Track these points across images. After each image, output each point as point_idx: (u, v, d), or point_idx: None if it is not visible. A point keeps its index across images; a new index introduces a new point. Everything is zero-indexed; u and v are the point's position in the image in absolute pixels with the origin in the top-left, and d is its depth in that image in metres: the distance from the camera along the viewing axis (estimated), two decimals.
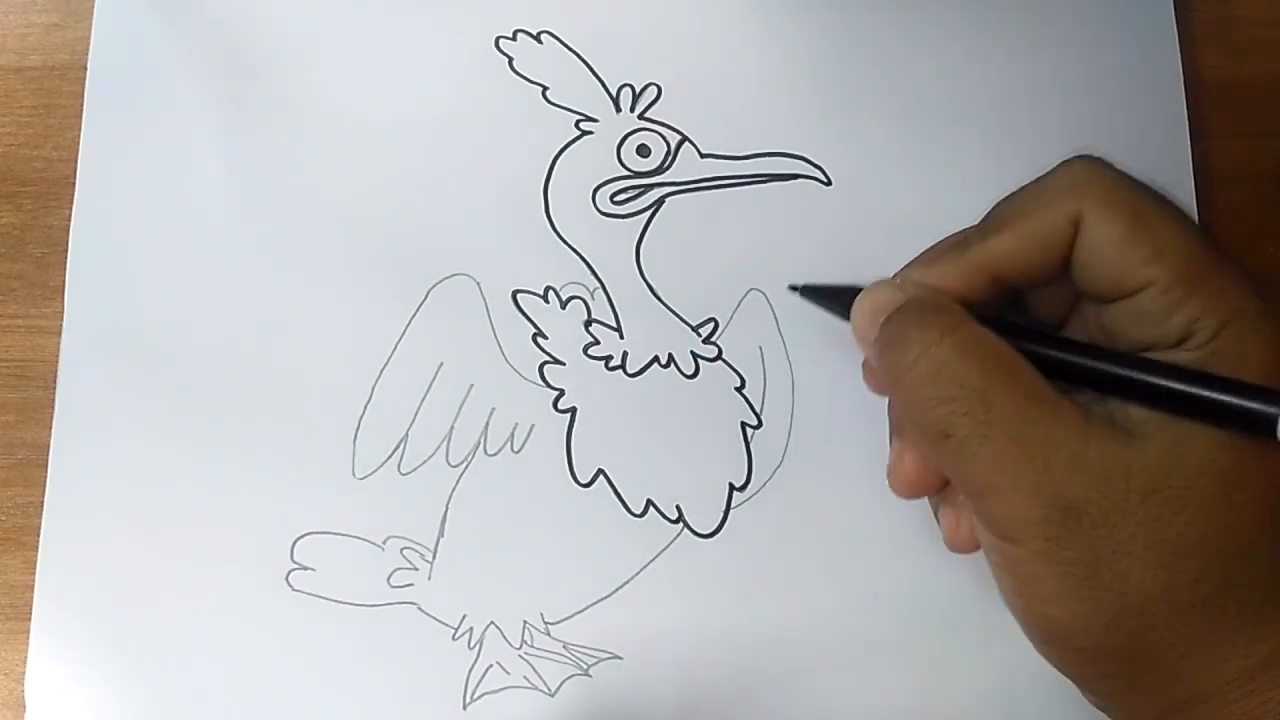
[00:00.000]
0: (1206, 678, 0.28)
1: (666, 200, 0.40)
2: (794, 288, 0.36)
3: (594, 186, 0.41)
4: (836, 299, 0.35)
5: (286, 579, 0.38)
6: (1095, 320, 0.31)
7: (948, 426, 0.29)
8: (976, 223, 0.32)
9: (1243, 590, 0.28)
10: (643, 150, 0.41)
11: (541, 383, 0.39)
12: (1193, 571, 0.28)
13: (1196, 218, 0.41)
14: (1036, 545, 0.28)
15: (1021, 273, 0.31)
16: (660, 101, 0.41)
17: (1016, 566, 0.29)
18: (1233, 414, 0.27)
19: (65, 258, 0.40)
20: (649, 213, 0.40)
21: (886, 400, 0.35)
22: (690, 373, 0.39)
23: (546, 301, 0.40)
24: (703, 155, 0.41)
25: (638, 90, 0.41)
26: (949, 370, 0.29)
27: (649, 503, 0.38)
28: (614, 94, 0.41)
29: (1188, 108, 0.41)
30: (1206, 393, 0.28)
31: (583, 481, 0.39)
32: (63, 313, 0.39)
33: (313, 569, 0.38)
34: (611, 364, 0.39)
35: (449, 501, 0.38)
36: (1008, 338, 0.30)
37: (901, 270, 0.33)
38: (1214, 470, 0.28)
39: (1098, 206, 0.29)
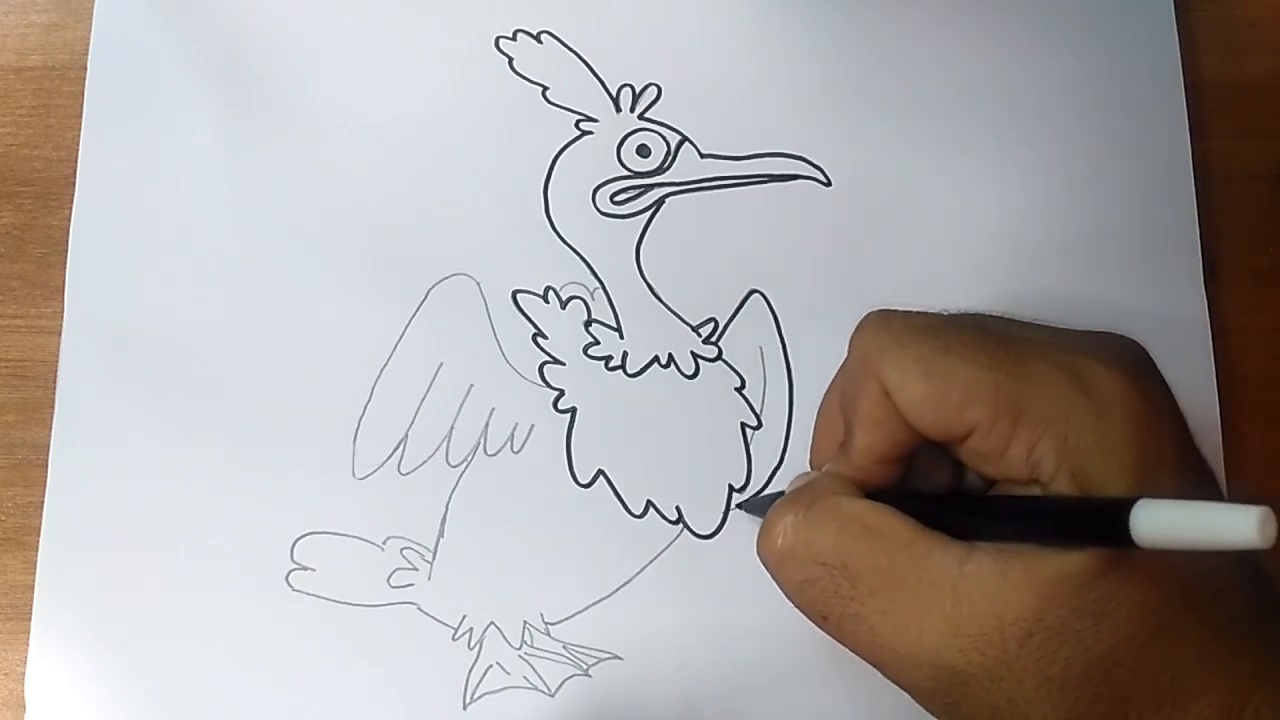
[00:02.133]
0: None
1: (666, 200, 0.40)
2: (740, 506, 0.38)
3: (594, 186, 0.41)
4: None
5: (286, 579, 0.38)
6: (966, 460, 0.30)
7: (820, 608, 0.29)
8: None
9: (1139, 700, 0.28)
10: (643, 150, 0.41)
11: (541, 383, 0.39)
12: (1087, 698, 0.28)
13: (1196, 218, 0.41)
14: (937, 708, 0.29)
15: (896, 450, 0.30)
16: (660, 101, 0.41)
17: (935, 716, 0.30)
18: (1087, 534, 0.27)
19: (65, 258, 0.40)
20: (649, 213, 0.40)
21: None
22: (690, 373, 0.39)
23: (546, 301, 0.40)
24: (703, 155, 0.41)
25: (638, 90, 0.41)
26: (804, 547, 0.29)
27: (649, 503, 0.38)
28: (614, 94, 0.41)
29: (1188, 108, 0.41)
30: (1052, 521, 0.28)
31: (583, 482, 0.39)
32: (63, 313, 0.39)
33: (313, 569, 0.38)
34: (611, 364, 0.39)
35: (449, 501, 0.38)
36: (891, 501, 0.29)
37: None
38: (1084, 601, 0.27)
39: (890, 373, 0.29)
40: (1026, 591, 0.27)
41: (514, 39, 0.42)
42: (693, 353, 0.39)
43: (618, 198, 0.40)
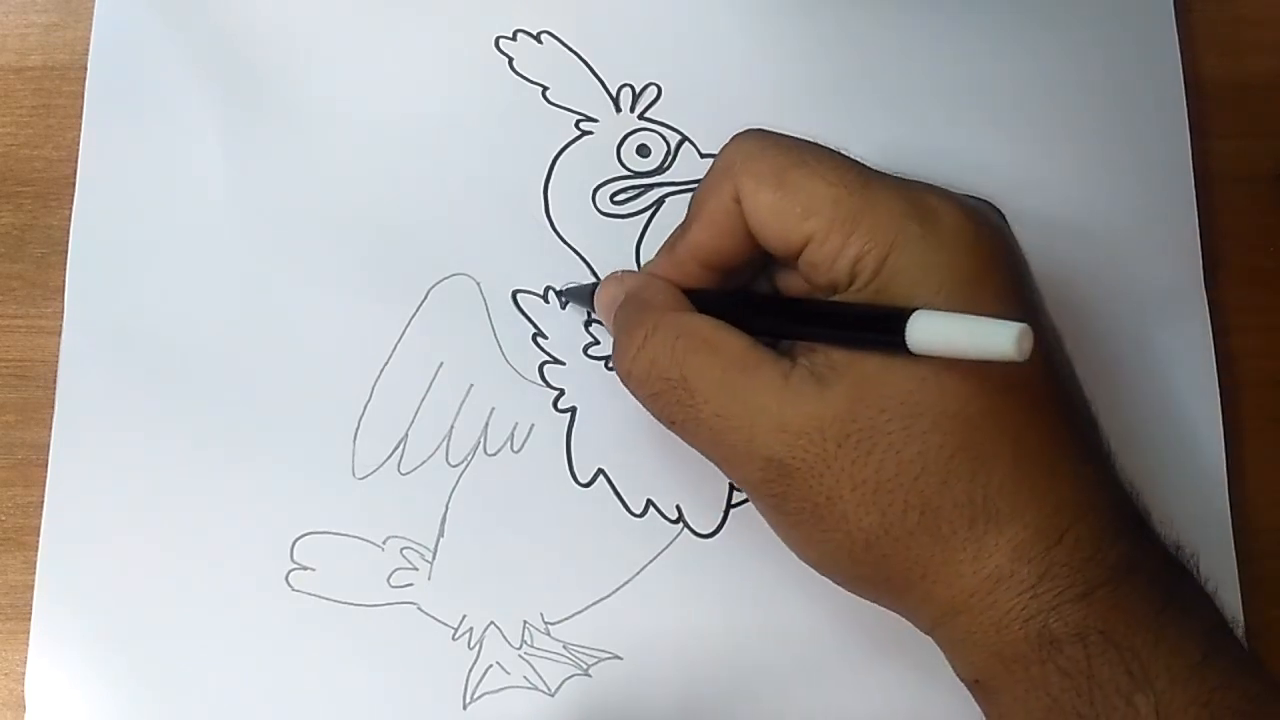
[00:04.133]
0: (949, 594, 0.30)
1: (666, 200, 0.40)
2: (555, 291, 0.39)
3: (594, 186, 0.41)
4: (587, 298, 0.38)
5: (286, 579, 0.38)
6: (799, 275, 0.33)
7: (667, 415, 0.32)
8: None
9: (950, 513, 0.29)
10: (643, 150, 0.41)
11: (541, 383, 0.39)
12: (898, 505, 0.29)
13: (1196, 218, 0.41)
14: (767, 500, 0.31)
15: (720, 256, 0.33)
16: (660, 101, 0.41)
17: (765, 516, 0.33)
18: (871, 338, 0.29)
19: (65, 258, 0.40)
20: (649, 213, 0.40)
21: None
22: None
23: (546, 301, 0.40)
24: (703, 155, 0.41)
25: (638, 90, 0.41)
26: (656, 367, 0.32)
27: (649, 503, 0.38)
28: (614, 94, 0.41)
29: (1188, 108, 0.41)
30: (841, 321, 0.30)
31: (583, 481, 0.39)
32: (63, 313, 0.39)
33: (313, 569, 0.38)
34: (611, 364, 0.39)
35: (449, 501, 0.38)
36: (719, 311, 0.32)
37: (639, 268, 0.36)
38: (891, 405, 0.29)
39: (747, 180, 0.31)
40: (840, 395, 0.30)
41: (514, 39, 0.42)
42: None
43: (618, 198, 0.40)
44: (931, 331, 0.27)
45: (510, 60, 0.42)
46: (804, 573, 0.38)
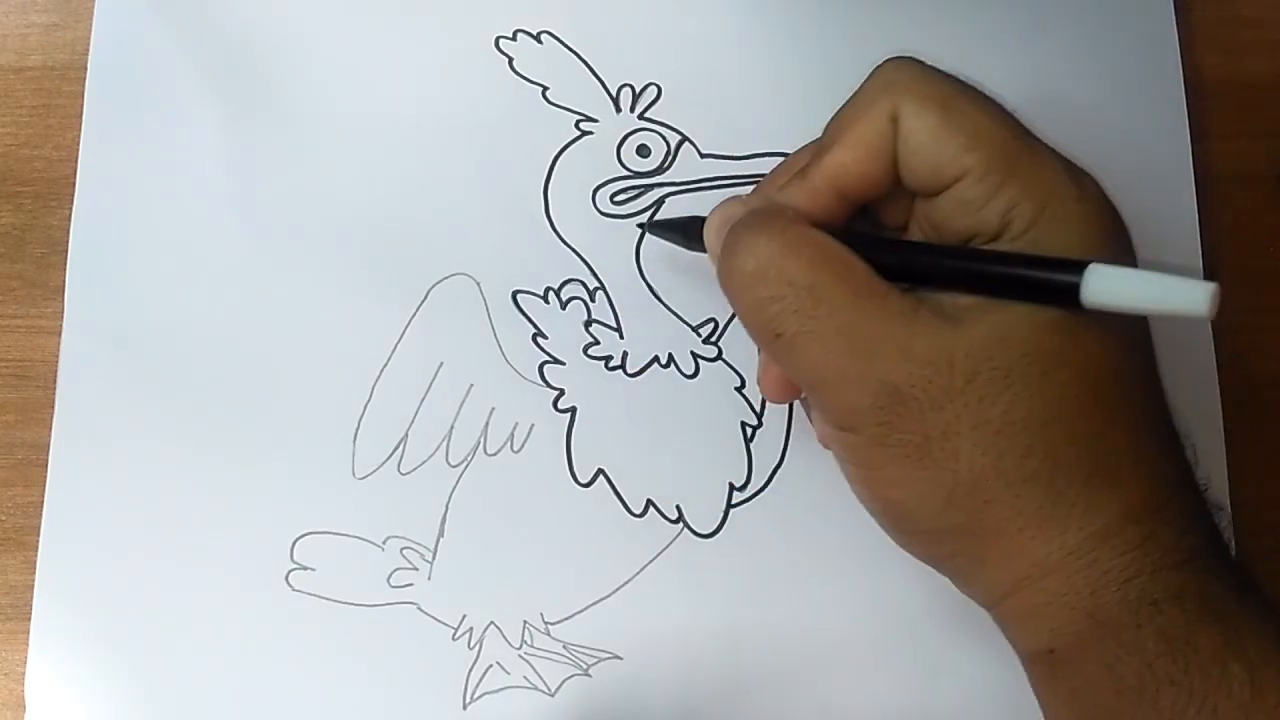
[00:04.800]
0: (1046, 550, 0.29)
1: (667, 200, 0.40)
2: (641, 226, 0.37)
3: (594, 186, 0.41)
4: (686, 232, 0.36)
5: (286, 579, 0.38)
6: (926, 218, 0.32)
7: (777, 325, 0.30)
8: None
9: (1070, 465, 0.29)
10: (643, 150, 0.41)
11: (541, 383, 0.39)
12: (1019, 448, 0.28)
13: (1196, 218, 0.41)
14: (870, 431, 0.29)
15: (861, 182, 0.31)
16: (660, 101, 0.41)
17: (855, 454, 0.30)
18: (1039, 287, 0.28)
19: (65, 258, 0.40)
20: (649, 213, 0.40)
21: None
22: (690, 373, 0.39)
23: (546, 301, 0.40)
24: (703, 155, 0.41)
25: (638, 90, 0.41)
26: (776, 269, 0.30)
27: (649, 503, 0.38)
28: (614, 94, 0.41)
29: (1188, 108, 0.41)
30: (1012, 270, 0.29)
31: (583, 481, 0.39)
32: (63, 313, 0.39)
33: (313, 569, 0.38)
34: (611, 364, 0.39)
35: (449, 501, 0.38)
36: (843, 240, 0.30)
37: (752, 192, 0.34)
38: (1034, 350, 0.28)
39: (910, 100, 0.30)
40: (981, 333, 0.28)
41: (514, 39, 0.42)
42: (693, 353, 0.39)
43: (618, 198, 0.40)
44: (1112, 283, 0.27)
45: (510, 60, 0.42)
46: (804, 572, 0.38)
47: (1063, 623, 0.29)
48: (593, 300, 0.40)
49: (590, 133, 0.41)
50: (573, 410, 0.39)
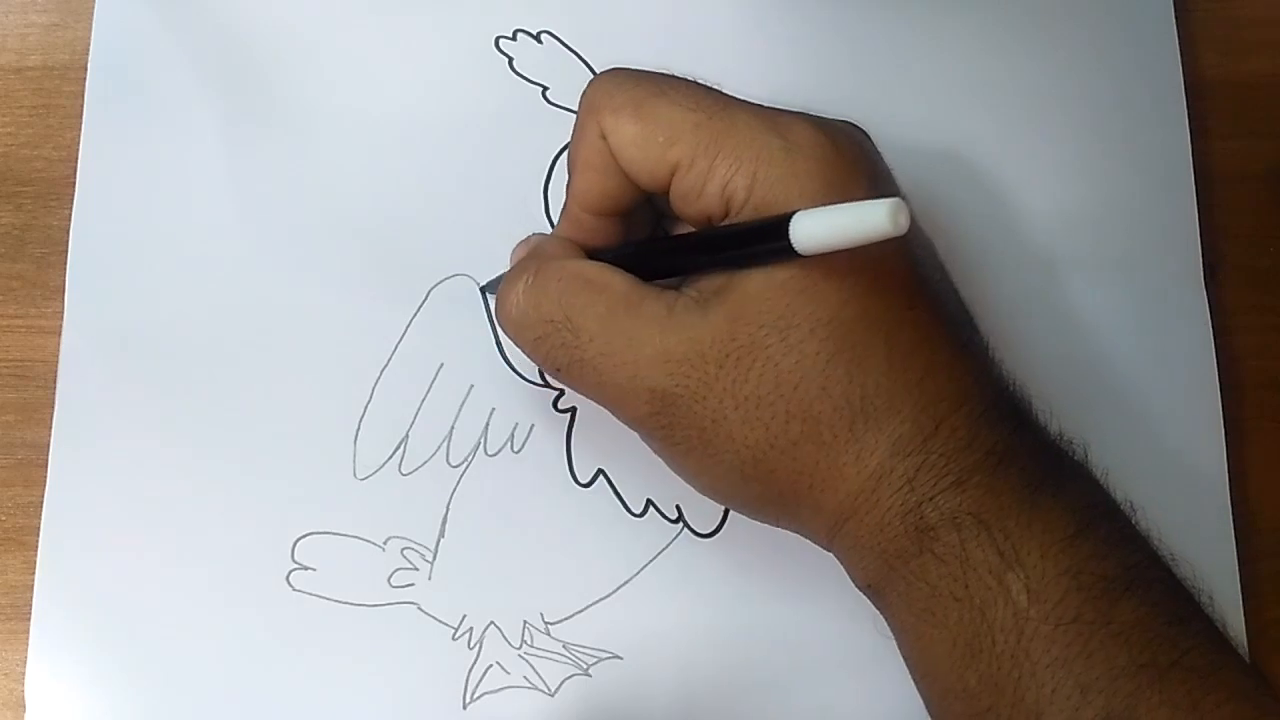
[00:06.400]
0: (837, 500, 0.31)
1: None
2: (482, 289, 0.39)
3: None
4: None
5: (287, 579, 0.38)
6: (676, 212, 0.33)
7: (553, 361, 0.32)
8: None
9: (830, 419, 0.30)
10: None
11: (541, 383, 0.39)
12: (780, 416, 0.30)
13: (1196, 218, 0.41)
14: (658, 434, 0.32)
15: (605, 200, 0.33)
16: None
17: (658, 452, 0.33)
18: (758, 251, 0.29)
19: (65, 258, 0.40)
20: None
21: None
22: None
23: None
24: None
25: None
26: (533, 311, 0.32)
27: (649, 503, 0.38)
28: None
29: (1188, 108, 0.41)
30: (729, 238, 0.30)
31: (583, 481, 0.39)
32: (63, 313, 0.39)
33: (313, 569, 0.38)
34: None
35: (449, 502, 0.38)
36: (613, 262, 0.32)
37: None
38: (769, 317, 0.30)
39: (608, 115, 0.32)
40: (720, 317, 0.30)
41: (514, 39, 0.42)
42: None
43: None
44: (813, 226, 0.27)
45: (510, 60, 0.42)
46: (804, 572, 0.38)
47: (868, 562, 0.31)
48: None
49: None
50: (572, 410, 0.39)
